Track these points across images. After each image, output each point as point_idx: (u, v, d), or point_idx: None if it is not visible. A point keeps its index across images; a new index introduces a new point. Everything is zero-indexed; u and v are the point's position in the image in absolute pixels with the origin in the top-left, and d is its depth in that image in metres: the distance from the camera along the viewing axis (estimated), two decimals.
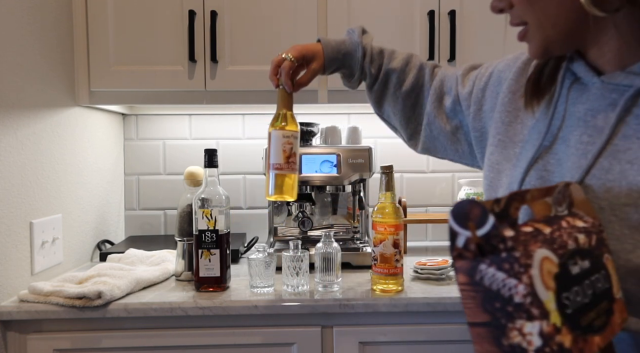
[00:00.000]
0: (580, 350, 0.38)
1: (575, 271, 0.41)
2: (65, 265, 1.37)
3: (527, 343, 0.36)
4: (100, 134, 1.58)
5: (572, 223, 0.45)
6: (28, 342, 1.11)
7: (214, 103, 1.40)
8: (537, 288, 0.36)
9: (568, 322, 0.38)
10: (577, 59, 0.61)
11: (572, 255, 0.41)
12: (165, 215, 1.76)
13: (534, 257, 0.37)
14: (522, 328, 0.36)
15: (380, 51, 0.94)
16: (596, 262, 0.44)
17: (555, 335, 0.36)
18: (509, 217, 0.41)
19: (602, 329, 0.41)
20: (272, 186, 0.89)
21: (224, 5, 1.37)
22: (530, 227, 0.41)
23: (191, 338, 1.12)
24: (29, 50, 1.22)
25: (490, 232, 0.38)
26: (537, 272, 0.37)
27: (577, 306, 0.39)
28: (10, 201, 1.14)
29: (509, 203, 0.41)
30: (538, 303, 0.36)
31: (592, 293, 0.42)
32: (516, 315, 0.36)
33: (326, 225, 1.52)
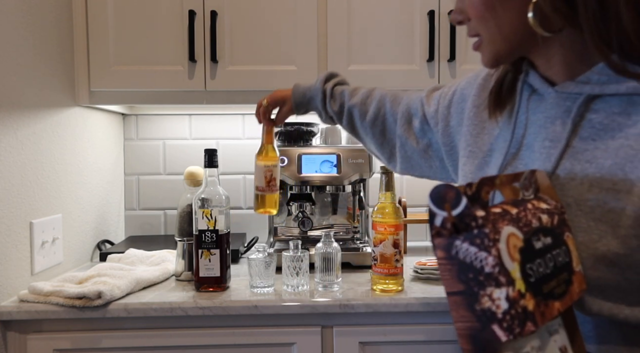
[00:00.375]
0: (541, 313, 0.44)
1: (538, 246, 0.47)
2: (65, 265, 1.37)
3: (496, 306, 0.42)
4: (100, 134, 1.58)
5: (536, 206, 0.51)
6: (28, 342, 1.11)
7: (214, 103, 1.40)
8: (504, 260, 0.42)
9: (531, 289, 0.43)
10: (532, 72, 0.67)
11: (536, 232, 0.47)
12: (165, 215, 1.76)
13: (501, 233, 0.43)
14: (492, 294, 0.42)
15: (341, 91, 1.03)
16: (557, 239, 0.50)
17: (520, 300, 0.42)
18: (480, 200, 0.46)
19: (562, 296, 0.47)
20: (257, 204, 1.10)
21: (224, 5, 1.37)
22: (500, 208, 0.47)
23: (191, 338, 1.12)
24: (29, 50, 1.22)
25: (464, 212, 0.43)
26: (504, 246, 0.43)
27: (539, 276, 0.45)
28: (10, 201, 1.14)
29: (480, 187, 0.46)
30: (505, 272, 0.42)
31: (553, 265, 0.48)
32: (486, 283, 0.42)
33: (326, 225, 1.52)
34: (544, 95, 0.66)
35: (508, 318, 0.41)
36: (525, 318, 0.42)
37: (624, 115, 0.58)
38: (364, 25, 1.39)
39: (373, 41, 1.39)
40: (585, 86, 0.60)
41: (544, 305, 0.44)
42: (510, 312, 0.41)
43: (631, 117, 0.57)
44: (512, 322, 0.41)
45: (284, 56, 1.39)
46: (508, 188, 0.53)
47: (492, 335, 0.42)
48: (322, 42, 1.39)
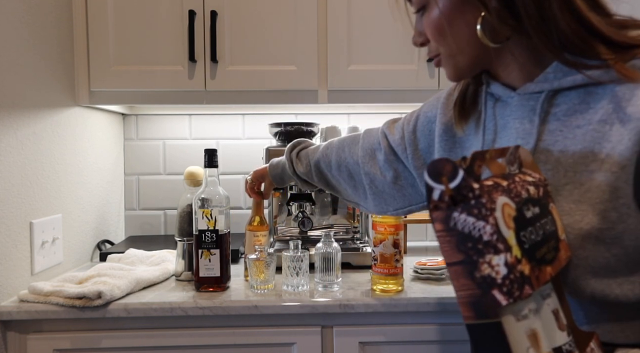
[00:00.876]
0: (536, 277, 0.46)
1: (529, 215, 0.49)
2: (65, 265, 1.37)
3: (496, 272, 0.44)
4: (100, 134, 1.58)
5: (523, 179, 0.54)
6: (28, 342, 1.11)
7: (214, 103, 1.40)
8: (500, 228, 0.44)
9: (526, 255, 0.46)
10: (492, 82, 0.73)
11: (526, 202, 0.50)
12: (165, 215, 1.76)
13: (497, 203, 0.45)
14: (491, 261, 0.44)
15: (305, 153, 1.11)
16: (544, 209, 0.53)
17: (517, 265, 0.44)
18: (473, 173, 0.48)
19: (552, 261, 0.51)
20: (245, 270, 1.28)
21: (224, 5, 1.37)
22: (491, 181, 0.49)
23: (191, 338, 1.12)
24: (29, 50, 1.22)
25: (461, 184, 0.45)
26: (500, 215, 0.45)
27: (532, 242, 0.48)
28: (10, 201, 1.14)
29: (473, 161, 0.48)
30: (502, 240, 0.44)
31: (543, 233, 0.51)
32: (485, 250, 0.44)
33: (326, 225, 1.52)
34: (507, 101, 0.71)
35: (507, 283, 0.43)
36: (523, 282, 0.44)
37: (584, 104, 0.63)
38: (364, 25, 1.39)
39: (373, 41, 1.39)
40: (544, 84, 0.65)
41: (538, 270, 0.47)
42: (509, 276, 0.43)
43: (590, 105, 0.62)
44: (511, 286, 0.43)
45: (284, 56, 1.39)
46: (495, 163, 0.55)
47: (493, 300, 0.44)
48: (322, 42, 1.39)
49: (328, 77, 1.39)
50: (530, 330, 0.45)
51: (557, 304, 0.52)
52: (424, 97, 1.40)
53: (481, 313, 0.44)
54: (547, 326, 0.49)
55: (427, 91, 1.40)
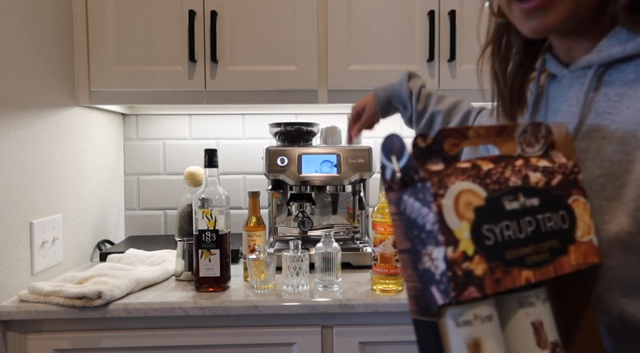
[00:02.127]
0: (496, 280, 0.40)
1: (511, 207, 0.42)
2: (65, 265, 1.37)
3: (435, 267, 0.39)
4: (100, 134, 1.58)
5: (531, 163, 0.46)
6: (28, 342, 1.11)
7: (214, 103, 1.40)
8: (446, 217, 0.38)
9: (484, 252, 0.39)
10: (549, 57, 0.62)
11: (513, 191, 0.43)
12: (165, 215, 1.76)
13: (448, 188, 0.39)
14: (432, 254, 0.39)
15: (428, 94, 1.04)
16: (552, 201, 0.45)
17: (463, 262, 0.38)
18: (442, 152, 0.41)
19: (539, 265, 0.42)
20: (245, 271, 1.30)
21: (224, 5, 1.37)
22: (470, 163, 0.42)
23: (191, 338, 1.12)
24: (29, 50, 1.22)
25: (407, 164, 0.40)
26: (450, 202, 0.39)
27: (504, 239, 0.41)
28: (10, 201, 1.14)
29: (440, 139, 0.41)
30: (446, 231, 0.38)
31: (535, 230, 0.43)
32: (427, 241, 0.39)
33: (326, 225, 1.52)
34: (561, 80, 0.61)
35: (445, 281, 0.38)
36: (467, 282, 0.38)
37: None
38: (364, 25, 1.39)
39: (373, 41, 1.39)
40: (592, 56, 0.56)
41: (503, 272, 0.40)
42: (447, 273, 0.38)
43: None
44: (448, 284, 0.38)
45: (284, 56, 1.39)
46: (508, 143, 0.47)
47: (431, 297, 0.39)
48: (322, 42, 1.39)
49: (328, 77, 1.39)
50: (472, 339, 0.39)
51: (545, 316, 0.44)
52: None
53: (422, 309, 0.41)
54: (514, 339, 0.42)
55: None
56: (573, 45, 0.59)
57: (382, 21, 1.39)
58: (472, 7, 1.38)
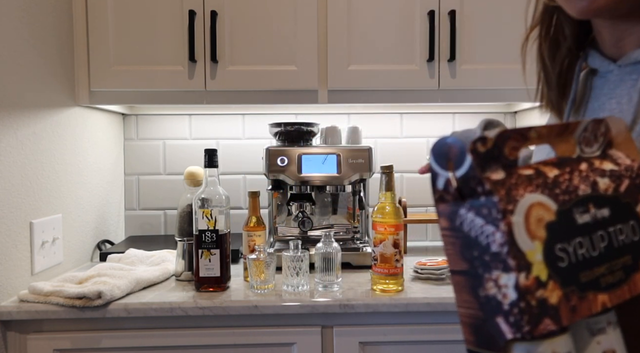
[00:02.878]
0: (572, 308, 0.34)
1: (583, 220, 0.37)
2: (65, 265, 1.37)
3: (502, 296, 0.33)
4: (100, 134, 1.58)
5: (596, 166, 0.40)
6: (28, 342, 1.11)
7: (214, 103, 1.40)
8: (517, 237, 0.33)
9: (559, 277, 0.34)
10: (591, 52, 0.57)
11: (583, 202, 0.37)
12: (165, 215, 1.76)
13: (518, 202, 0.34)
14: (498, 280, 0.33)
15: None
16: (622, 210, 0.39)
17: (537, 290, 0.33)
18: (502, 158, 0.36)
19: (615, 287, 0.37)
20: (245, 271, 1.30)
21: (224, 5, 1.37)
22: (532, 169, 0.37)
23: (191, 338, 1.12)
24: (29, 50, 1.22)
25: (468, 173, 0.35)
26: (521, 219, 0.34)
27: (577, 259, 0.36)
28: (10, 201, 1.14)
29: (500, 143, 0.36)
30: (517, 254, 0.33)
31: (607, 245, 0.38)
32: (492, 265, 0.34)
33: (326, 225, 1.52)
34: (606, 76, 0.56)
35: (516, 312, 0.32)
36: (542, 313, 0.33)
37: None
38: (364, 25, 1.39)
39: (373, 41, 1.39)
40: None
41: (578, 298, 0.35)
42: (519, 304, 0.32)
43: None
44: (520, 316, 0.32)
45: (284, 56, 1.39)
46: (565, 143, 0.42)
47: (497, 330, 0.34)
48: (322, 42, 1.39)
49: (328, 77, 1.39)
50: None
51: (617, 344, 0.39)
52: (424, 97, 1.41)
53: (482, 342, 0.35)
54: None
55: (427, 91, 1.40)
56: (624, 34, 0.53)
57: (382, 21, 1.39)
58: (472, 7, 1.38)
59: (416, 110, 1.72)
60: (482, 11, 1.37)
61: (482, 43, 1.38)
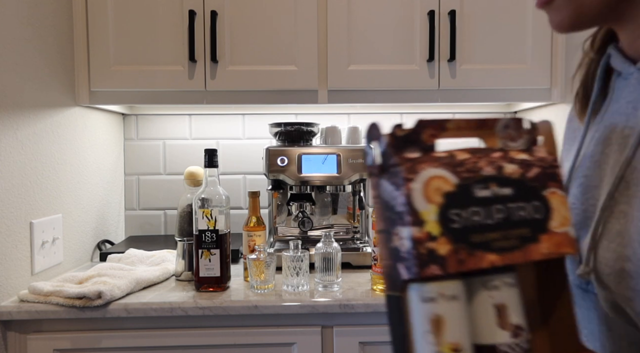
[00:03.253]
0: (459, 261, 0.41)
1: (482, 194, 0.44)
2: (65, 265, 1.37)
3: (401, 245, 0.41)
4: (100, 133, 1.58)
5: (510, 156, 0.47)
6: (28, 342, 1.11)
7: (214, 103, 1.40)
8: (414, 199, 0.41)
9: (450, 234, 0.41)
10: (614, 52, 0.55)
11: (485, 180, 0.44)
12: (165, 215, 1.76)
13: (419, 174, 0.42)
14: (400, 233, 0.41)
15: None
16: (526, 191, 0.46)
17: (427, 242, 0.40)
18: (420, 142, 0.44)
19: (506, 250, 0.44)
20: (245, 271, 1.30)
21: (224, 5, 1.37)
22: (447, 153, 0.45)
23: (191, 338, 1.12)
24: (29, 50, 1.22)
25: (385, 151, 0.43)
26: (419, 186, 0.42)
27: (471, 224, 0.43)
28: (10, 201, 1.14)
29: (419, 129, 0.44)
30: (413, 212, 0.41)
31: (506, 217, 0.44)
32: (397, 222, 0.42)
33: (326, 225, 1.52)
34: (627, 78, 0.53)
35: (409, 258, 0.40)
36: (430, 260, 0.40)
37: None
38: (364, 25, 1.39)
39: (373, 41, 1.39)
40: None
41: (467, 254, 0.42)
42: (412, 251, 0.40)
43: None
44: (412, 261, 0.40)
45: (284, 56, 1.39)
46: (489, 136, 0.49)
47: (397, 273, 0.42)
48: (322, 42, 1.39)
49: (328, 77, 1.39)
50: (434, 315, 0.42)
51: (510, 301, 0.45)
52: (424, 97, 1.41)
53: (391, 285, 0.43)
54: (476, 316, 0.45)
55: (427, 91, 1.40)
56: (634, 35, 0.51)
57: (382, 21, 1.39)
58: (472, 7, 1.38)
59: (416, 110, 1.72)
60: (482, 11, 1.38)
61: (482, 43, 1.38)
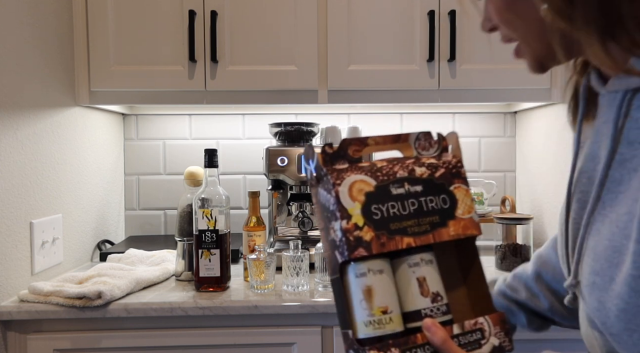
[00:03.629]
0: (381, 244, 0.52)
1: (397, 192, 0.54)
2: (65, 265, 1.37)
3: (335, 236, 0.52)
4: (100, 133, 1.58)
5: (419, 161, 0.57)
6: (28, 342, 1.11)
7: (214, 103, 1.40)
8: (342, 199, 0.52)
9: (372, 224, 0.52)
10: (593, 71, 0.58)
11: (400, 181, 0.55)
12: (165, 215, 1.76)
13: (345, 179, 0.53)
14: (334, 227, 0.52)
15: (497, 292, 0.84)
16: (434, 187, 0.56)
17: (354, 231, 0.51)
18: (347, 156, 0.55)
19: (420, 234, 0.54)
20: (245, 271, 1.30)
21: (224, 5, 1.37)
22: (368, 163, 0.55)
23: (191, 338, 1.12)
24: (29, 50, 1.22)
25: (317, 166, 0.54)
26: (345, 189, 0.53)
27: (390, 215, 0.53)
28: (10, 201, 1.14)
29: (344, 146, 0.55)
30: (342, 209, 0.52)
31: (418, 208, 0.55)
32: (331, 218, 0.53)
33: None
34: (603, 95, 0.56)
35: (341, 244, 0.51)
36: (357, 245, 0.51)
37: None
38: (364, 25, 1.39)
39: (373, 41, 1.39)
40: (628, 79, 0.51)
41: (387, 239, 0.52)
42: (342, 239, 0.51)
43: None
44: (343, 247, 0.51)
45: (284, 56, 1.39)
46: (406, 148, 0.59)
47: (335, 259, 0.53)
48: (322, 42, 1.39)
49: (328, 77, 1.39)
50: (365, 286, 0.53)
51: (427, 274, 0.55)
52: (424, 97, 1.41)
53: (332, 270, 0.55)
54: (402, 288, 0.55)
55: (427, 91, 1.40)
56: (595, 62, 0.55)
57: (382, 21, 1.39)
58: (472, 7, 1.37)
59: (416, 110, 1.72)
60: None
61: (482, 43, 1.38)
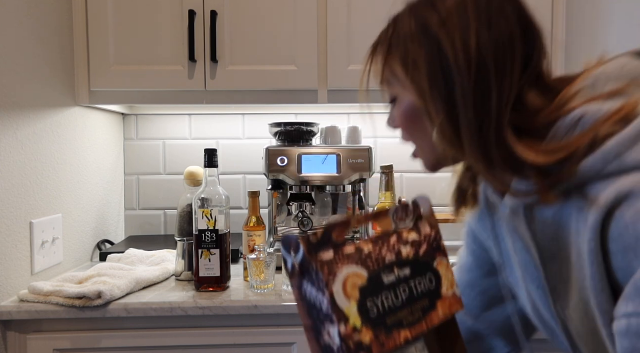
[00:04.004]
0: (381, 343, 0.47)
1: (389, 280, 0.50)
2: (65, 265, 1.37)
3: (332, 342, 0.47)
4: (100, 133, 1.58)
5: (402, 238, 0.54)
6: (28, 342, 1.11)
7: (214, 103, 1.40)
8: (337, 300, 0.46)
9: (370, 323, 0.47)
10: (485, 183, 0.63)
11: (390, 266, 0.51)
12: (165, 215, 1.76)
13: (337, 275, 0.47)
14: (330, 331, 0.47)
15: None
16: (421, 268, 0.54)
17: (354, 335, 0.46)
18: (332, 242, 0.49)
19: (414, 324, 0.51)
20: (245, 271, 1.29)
21: (224, 5, 1.37)
22: (354, 247, 0.50)
23: (191, 338, 1.12)
24: (29, 50, 1.22)
25: (304, 259, 0.48)
26: (340, 287, 0.47)
27: (384, 308, 0.49)
28: (10, 201, 1.14)
29: (329, 233, 0.49)
30: (338, 311, 0.46)
31: (409, 295, 0.51)
32: (326, 321, 0.47)
33: None
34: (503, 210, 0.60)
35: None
36: (359, 350, 0.46)
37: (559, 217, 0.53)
38: (364, 25, 1.39)
39: (373, 41, 1.39)
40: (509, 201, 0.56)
41: (385, 336, 0.48)
42: (342, 347, 0.46)
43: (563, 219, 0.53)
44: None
45: (284, 56, 1.39)
46: (384, 222, 0.56)
47: None
48: (322, 42, 1.39)
49: (328, 77, 1.39)
50: None
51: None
52: None
53: None
54: None
55: None
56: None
57: (382, 21, 1.39)
58: None
59: None
60: None
61: None
